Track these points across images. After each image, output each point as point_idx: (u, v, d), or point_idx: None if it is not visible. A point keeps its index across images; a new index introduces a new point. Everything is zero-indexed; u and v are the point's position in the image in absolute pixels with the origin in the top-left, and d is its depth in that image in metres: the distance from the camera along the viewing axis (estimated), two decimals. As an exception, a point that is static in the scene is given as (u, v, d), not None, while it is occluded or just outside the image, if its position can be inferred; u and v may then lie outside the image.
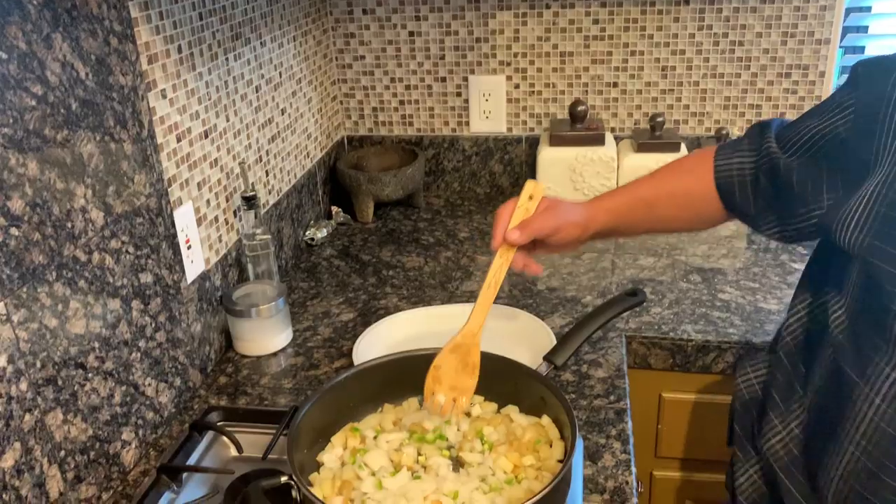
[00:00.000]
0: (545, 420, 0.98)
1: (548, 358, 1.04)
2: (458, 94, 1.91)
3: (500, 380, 1.03)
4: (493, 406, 1.03)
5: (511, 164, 1.95)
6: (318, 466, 0.95)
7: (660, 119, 1.73)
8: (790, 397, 0.97)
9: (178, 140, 1.19)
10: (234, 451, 1.10)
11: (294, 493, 0.86)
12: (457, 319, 1.33)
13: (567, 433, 0.93)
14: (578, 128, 1.75)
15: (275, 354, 1.32)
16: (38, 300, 0.87)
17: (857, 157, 0.88)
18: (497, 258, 0.99)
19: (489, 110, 1.91)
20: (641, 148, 1.74)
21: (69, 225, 0.92)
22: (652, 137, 1.75)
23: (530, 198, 1.02)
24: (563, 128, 1.77)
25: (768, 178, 1.00)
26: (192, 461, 1.06)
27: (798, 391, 0.96)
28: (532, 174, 1.87)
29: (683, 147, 1.75)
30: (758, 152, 1.02)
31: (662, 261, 1.58)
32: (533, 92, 1.88)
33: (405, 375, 1.06)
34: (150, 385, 1.10)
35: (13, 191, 0.83)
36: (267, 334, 1.32)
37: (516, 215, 1.00)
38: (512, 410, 1.01)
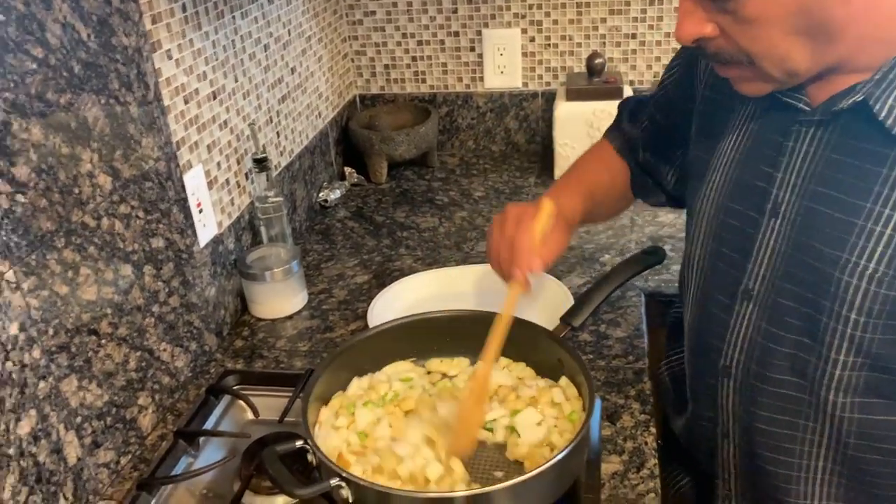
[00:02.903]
0: (563, 381, 0.97)
1: (565, 319, 1.02)
2: (472, 49, 1.86)
3: (516, 342, 1.01)
4: (521, 366, 1.02)
5: (527, 120, 1.91)
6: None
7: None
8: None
9: (186, 102, 1.17)
10: (250, 415, 1.10)
11: (309, 456, 0.86)
12: (472, 281, 1.32)
13: (584, 393, 0.91)
14: (596, 81, 1.70)
15: (290, 317, 1.32)
16: (47, 267, 0.86)
17: (682, 108, 0.98)
18: (512, 289, 0.91)
19: (504, 65, 1.86)
20: (661, 101, 1.69)
21: (76, 190, 0.91)
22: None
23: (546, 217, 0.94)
24: (581, 81, 1.72)
25: (634, 155, 1.11)
26: (209, 425, 1.06)
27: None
28: (549, 130, 1.83)
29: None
30: (620, 132, 1.13)
31: (683, 217, 1.54)
32: (549, 45, 1.83)
33: (420, 337, 1.05)
34: (165, 350, 1.10)
35: (17, 157, 0.82)
36: (282, 297, 1.31)
37: (537, 238, 0.91)
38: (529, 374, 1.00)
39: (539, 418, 0.92)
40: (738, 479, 0.93)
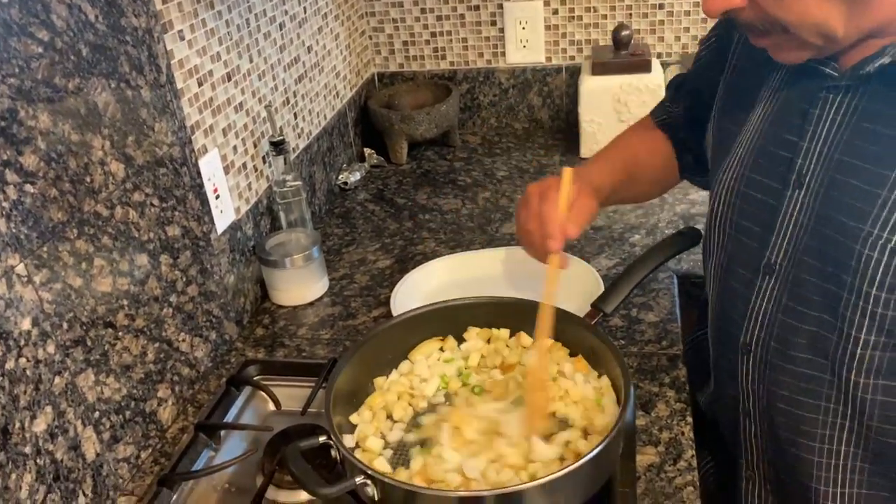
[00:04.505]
0: (604, 381, 0.92)
1: (596, 305, 0.98)
2: (493, 23, 1.80)
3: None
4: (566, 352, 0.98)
5: (551, 95, 1.85)
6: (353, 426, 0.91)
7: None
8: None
9: (200, 84, 1.13)
10: (272, 406, 1.07)
11: (333, 452, 0.83)
12: (497, 264, 1.28)
13: (619, 384, 0.87)
14: (623, 54, 1.64)
15: (311, 304, 1.28)
16: (60, 259, 0.83)
17: (715, 79, 0.93)
18: (552, 266, 0.88)
19: (526, 39, 1.80)
20: (691, 74, 1.63)
21: (88, 179, 0.88)
22: (702, 62, 1.63)
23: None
24: (606, 55, 1.66)
25: (677, 133, 1.08)
26: (230, 417, 1.04)
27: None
28: (574, 105, 1.77)
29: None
30: (663, 108, 1.10)
31: (714, 195, 1.48)
32: (573, 17, 1.76)
33: (447, 324, 1.01)
34: (184, 340, 1.07)
35: (25, 145, 0.79)
36: (302, 284, 1.28)
37: (563, 206, 0.88)
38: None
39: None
40: (760, 461, 0.90)
